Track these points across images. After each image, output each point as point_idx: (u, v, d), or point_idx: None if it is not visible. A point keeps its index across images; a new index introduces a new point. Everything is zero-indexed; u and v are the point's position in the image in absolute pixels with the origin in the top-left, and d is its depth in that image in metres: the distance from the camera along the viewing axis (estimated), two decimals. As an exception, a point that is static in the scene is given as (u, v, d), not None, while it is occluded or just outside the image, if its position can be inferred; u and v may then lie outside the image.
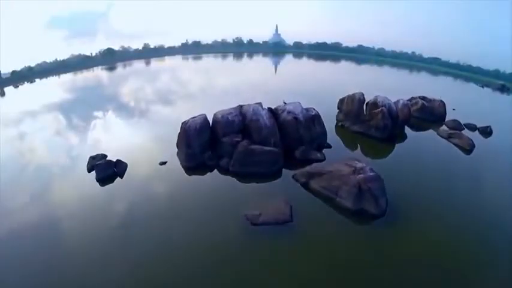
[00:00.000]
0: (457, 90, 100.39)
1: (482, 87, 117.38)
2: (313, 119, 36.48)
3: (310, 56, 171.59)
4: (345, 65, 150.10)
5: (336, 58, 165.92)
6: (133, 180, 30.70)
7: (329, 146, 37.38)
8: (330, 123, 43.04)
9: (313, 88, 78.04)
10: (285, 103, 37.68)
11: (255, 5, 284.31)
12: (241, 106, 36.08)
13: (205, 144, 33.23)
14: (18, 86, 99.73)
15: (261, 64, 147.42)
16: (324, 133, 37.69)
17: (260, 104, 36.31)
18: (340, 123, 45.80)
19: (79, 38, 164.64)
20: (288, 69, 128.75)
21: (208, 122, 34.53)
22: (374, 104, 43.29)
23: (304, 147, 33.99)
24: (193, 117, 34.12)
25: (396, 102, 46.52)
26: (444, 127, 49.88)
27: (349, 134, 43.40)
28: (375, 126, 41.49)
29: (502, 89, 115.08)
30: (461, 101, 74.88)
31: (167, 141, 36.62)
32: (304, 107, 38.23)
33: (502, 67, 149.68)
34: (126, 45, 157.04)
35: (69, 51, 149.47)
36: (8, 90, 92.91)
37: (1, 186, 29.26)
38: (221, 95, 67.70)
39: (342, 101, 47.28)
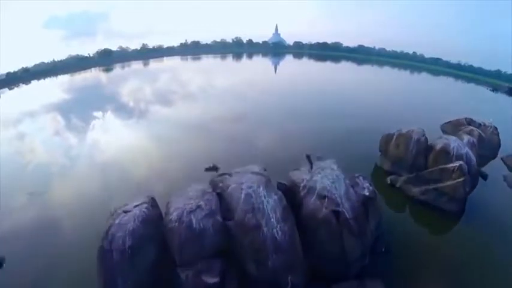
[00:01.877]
0: (471, 97, 79.29)
1: (493, 91, 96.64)
2: (367, 206, 16.47)
3: (310, 56, 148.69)
4: (346, 66, 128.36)
5: (336, 58, 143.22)
6: None
7: (388, 250, 17.59)
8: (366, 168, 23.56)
9: (324, 97, 59.08)
10: (310, 162, 17.75)
11: (254, 5, 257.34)
12: (221, 187, 15.80)
13: (147, 279, 13.71)
14: (13, 88, 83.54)
15: (261, 66, 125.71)
16: (379, 225, 17.79)
17: (261, 175, 16.26)
18: (388, 179, 25.44)
19: (76, 39, 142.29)
20: (291, 72, 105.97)
21: (158, 218, 14.83)
22: (443, 153, 23.31)
23: (355, 283, 14.29)
24: (125, 212, 14.28)
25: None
26: (503, 167, 30.60)
27: (405, 201, 23.28)
28: (449, 193, 21.60)
29: (510, 92, 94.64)
30: (490, 115, 54.86)
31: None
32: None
33: (503, 67, 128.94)
34: (124, 46, 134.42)
35: (67, 52, 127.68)
36: (1, 92, 76.56)
37: None
38: (212, 116, 46.87)
39: (387, 140, 26.95)
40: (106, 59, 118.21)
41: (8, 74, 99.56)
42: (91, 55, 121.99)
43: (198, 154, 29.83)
